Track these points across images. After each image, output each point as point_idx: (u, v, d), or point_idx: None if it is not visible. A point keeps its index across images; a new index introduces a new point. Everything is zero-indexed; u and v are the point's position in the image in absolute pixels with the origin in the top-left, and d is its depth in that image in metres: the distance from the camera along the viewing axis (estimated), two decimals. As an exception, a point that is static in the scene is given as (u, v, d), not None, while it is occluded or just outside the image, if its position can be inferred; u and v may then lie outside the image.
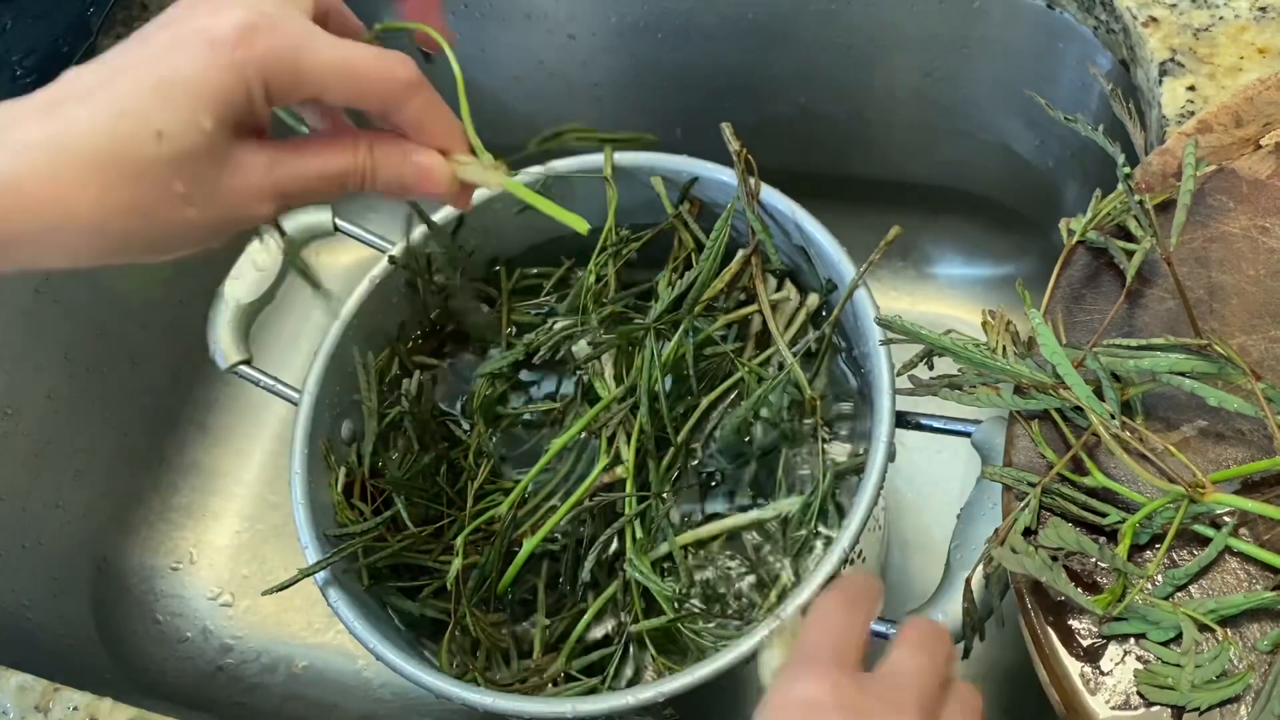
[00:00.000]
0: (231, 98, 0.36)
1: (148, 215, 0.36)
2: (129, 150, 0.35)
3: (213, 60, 0.35)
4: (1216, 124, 0.51)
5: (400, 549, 0.58)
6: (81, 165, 0.34)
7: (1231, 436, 0.44)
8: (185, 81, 0.35)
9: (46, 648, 0.70)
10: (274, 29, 0.36)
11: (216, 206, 0.37)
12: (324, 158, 0.40)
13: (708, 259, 0.60)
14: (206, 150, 0.36)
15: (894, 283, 0.83)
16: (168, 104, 0.35)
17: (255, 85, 0.36)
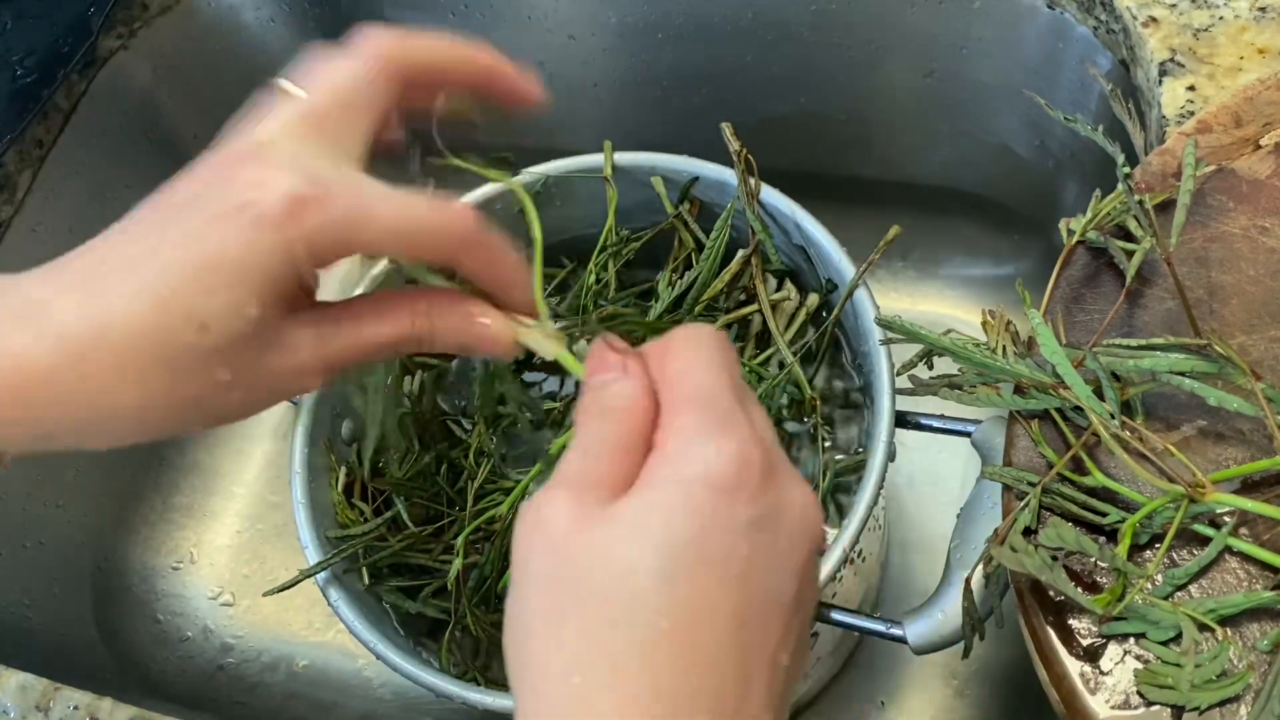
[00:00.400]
0: (279, 278, 0.34)
1: (190, 403, 0.34)
2: (171, 342, 0.33)
3: (259, 240, 0.33)
4: (1216, 124, 0.52)
5: (401, 549, 0.58)
6: (121, 359, 0.33)
7: (1231, 436, 0.44)
8: (230, 266, 0.33)
9: (47, 647, 0.70)
10: (324, 200, 0.34)
11: (263, 388, 0.36)
12: (377, 325, 0.38)
13: (708, 259, 0.61)
14: (253, 336, 0.34)
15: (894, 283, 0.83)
16: (212, 294, 0.33)
17: (304, 260, 0.35)
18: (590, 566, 0.30)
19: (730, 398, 0.33)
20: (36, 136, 0.70)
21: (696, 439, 0.31)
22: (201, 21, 0.79)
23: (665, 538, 0.29)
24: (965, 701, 0.69)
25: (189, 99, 0.80)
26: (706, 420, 0.32)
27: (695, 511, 0.30)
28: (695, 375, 0.34)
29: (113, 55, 0.75)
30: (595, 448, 0.33)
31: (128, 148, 0.77)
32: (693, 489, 0.30)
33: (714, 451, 0.31)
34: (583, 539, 0.30)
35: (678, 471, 0.31)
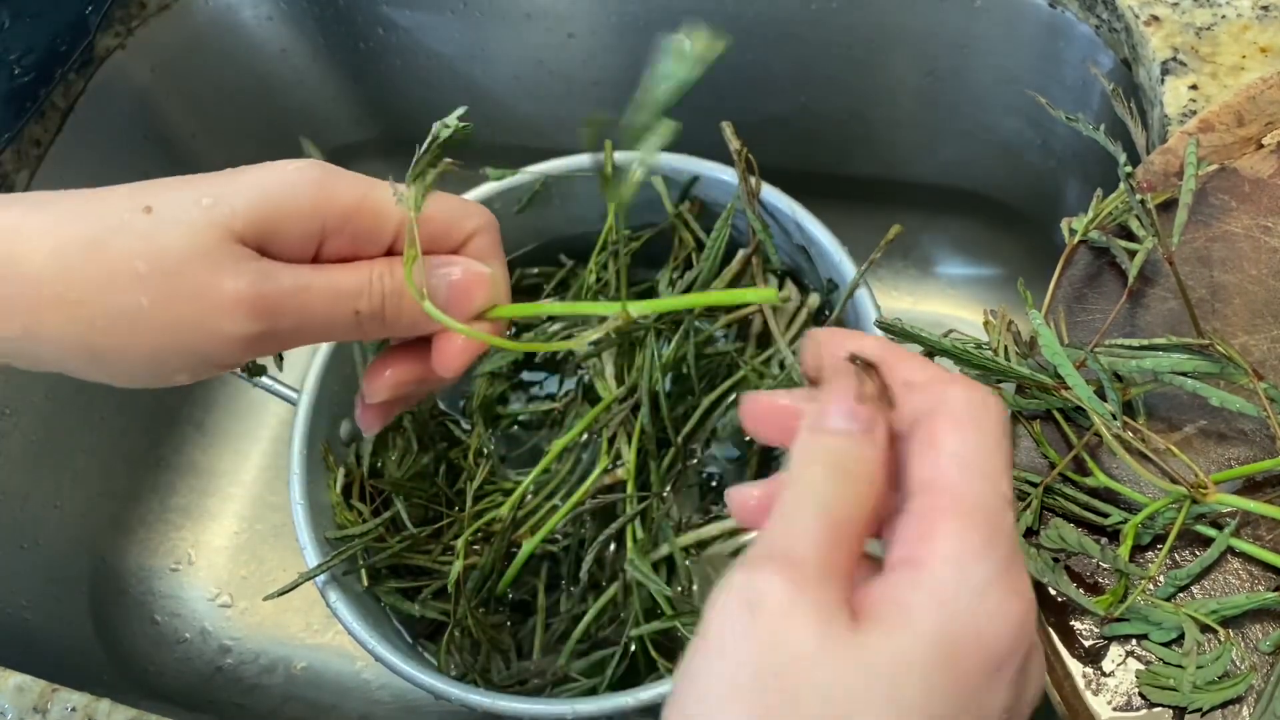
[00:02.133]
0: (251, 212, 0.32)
1: (94, 287, 0.30)
2: (107, 216, 0.30)
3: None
4: (1218, 123, 0.51)
5: (400, 550, 0.58)
6: (50, 219, 0.30)
7: (1234, 437, 0.44)
8: (221, 181, 0.32)
9: (44, 648, 0.69)
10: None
11: (178, 303, 0.31)
12: (330, 274, 0.34)
13: (708, 259, 0.60)
14: (187, 231, 0.31)
15: (895, 282, 0.82)
16: (180, 190, 0.31)
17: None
18: (824, 701, 0.24)
19: (1012, 522, 0.27)
20: (34, 136, 0.70)
21: (976, 579, 0.25)
22: (199, 20, 0.79)
23: (920, 702, 0.24)
24: (966, 702, 0.68)
25: (187, 98, 0.80)
26: (990, 555, 0.26)
27: (959, 684, 0.25)
28: (977, 477, 0.27)
29: (110, 54, 0.75)
30: (835, 524, 0.26)
31: (125, 147, 0.77)
32: (961, 649, 0.25)
33: (996, 608, 0.25)
34: (819, 671, 0.24)
35: (947, 616, 0.25)
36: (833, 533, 0.26)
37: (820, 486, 0.26)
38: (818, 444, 0.27)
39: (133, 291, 0.30)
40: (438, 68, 0.81)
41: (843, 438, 0.27)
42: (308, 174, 0.33)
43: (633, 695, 0.49)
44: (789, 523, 0.26)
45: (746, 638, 0.25)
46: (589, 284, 0.64)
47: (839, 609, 0.25)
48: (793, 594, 0.25)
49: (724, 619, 0.25)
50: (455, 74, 0.81)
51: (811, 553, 0.25)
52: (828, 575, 0.25)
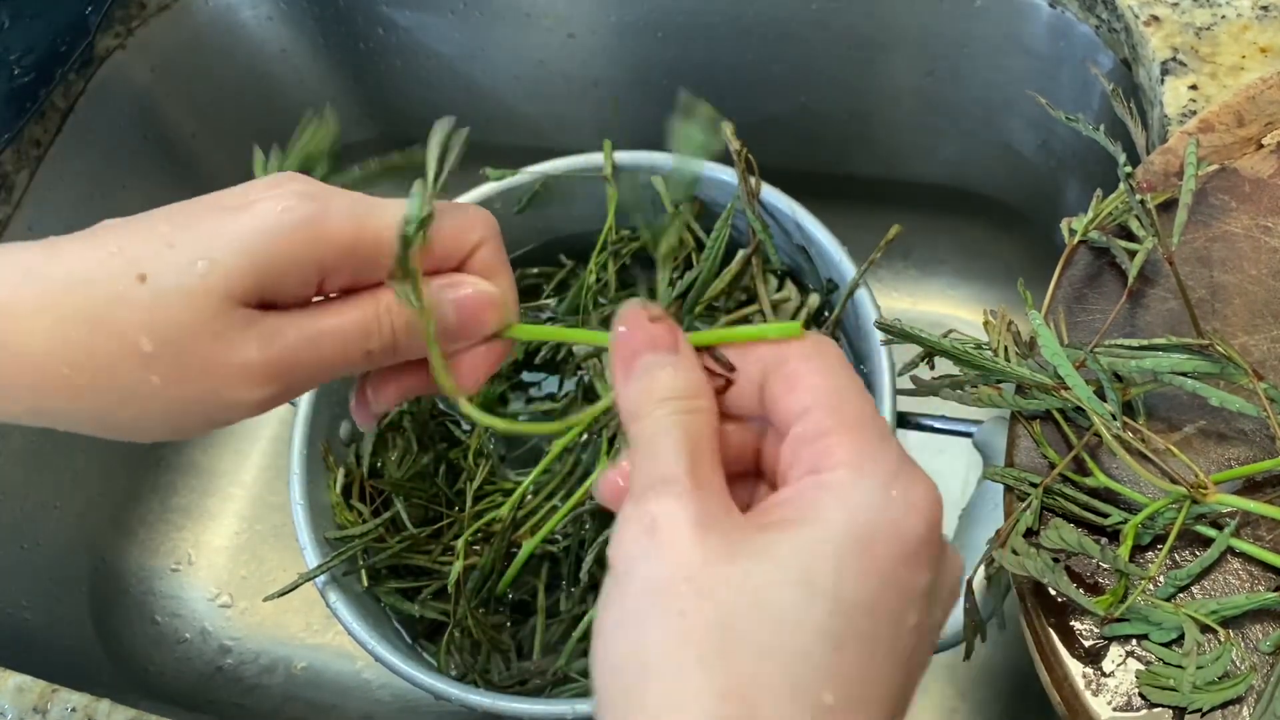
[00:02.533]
0: (256, 260, 0.30)
1: (103, 370, 0.29)
2: (101, 287, 0.29)
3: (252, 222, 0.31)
4: (1218, 123, 0.51)
5: (400, 550, 0.58)
6: (42, 294, 0.29)
7: (1234, 437, 0.44)
8: (208, 235, 0.30)
9: (44, 648, 0.69)
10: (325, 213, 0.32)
11: (189, 381, 0.30)
12: (338, 318, 0.32)
13: (708, 259, 0.60)
14: (188, 303, 0.29)
15: (895, 282, 0.82)
16: (170, 249, 0.30)
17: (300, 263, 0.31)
18: (739, 608, 0.25)
19: (892, 431, 0.28)
20: (34, 136, 0.70)
21: (874, 475, 0.26)
22: (199, 20, 0.79)
23: (838, 593, 0.25)
24: (967, 703, 0.68)
25: (187, 98, 0.80)
26: (882, 454, 0.27)
27: (875, 569, 0.25)
28: (850, 396, 0.28)
29: (110, 54, 0.75)
30: (690, 442, 0.28)
31: (125, 147, 0.77)
32: (874, 540, 0.26)
33: (901, 499, 0.26)
34: (726, 571, 0.25)
35: (852, 512, 0.26)
36: (688, 450, 0.27)
37: (659, 418, 0.28)
38: (637, 382, 0.29)
39: (141, 370, 0.30)
40: (438, 68, 0.81)
41: (654, 370, 0.29)
42: (297, 214, 0.31)
43: None
44: (647, 457, 0.28)
45: (651, 556, 0.26)
46: (589, 284, 0.64)
47: (729, 513, 0.27)
48: (682, 507, 0.26)
49: (626, 548, 0.26)
50: (455, 74, 0.81)
51: (679, 470, 0.27)
52: (703, 487, 0.27)
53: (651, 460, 0.28)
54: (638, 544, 0.26)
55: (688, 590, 0.25)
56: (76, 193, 0.74)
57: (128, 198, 0.78)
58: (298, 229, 0.31)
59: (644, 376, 0.29)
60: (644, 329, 0.30)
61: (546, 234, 0.69)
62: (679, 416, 0.28)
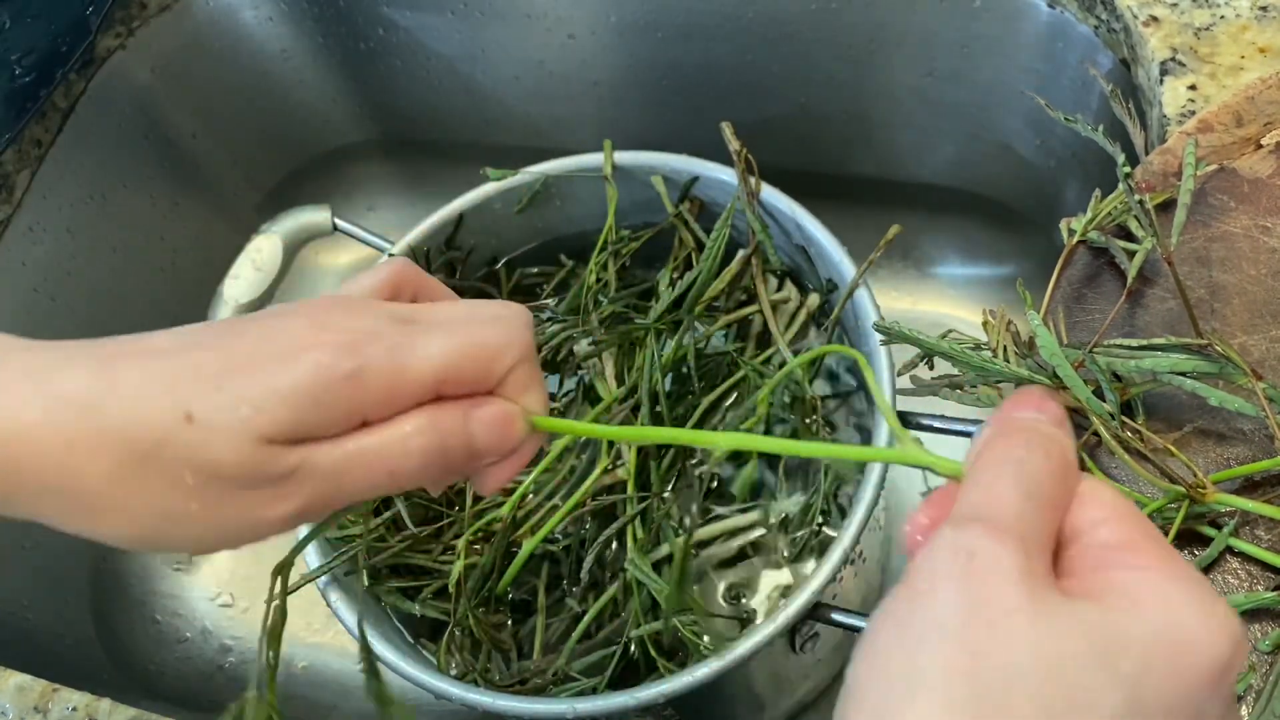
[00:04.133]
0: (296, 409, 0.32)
1: (153, 501, 0.32)
2: (153, 429, 0.31)
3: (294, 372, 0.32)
4: (1217, 123, 0.51)
5: (401, 550, 0.58)
6: (100, 433, 0.31)
7: (1233, 436, 0.44)
8: (254, 383, 0.32)
9: (45, 648, 0.70)
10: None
11: (227, 507, 0.32)
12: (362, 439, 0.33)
13: (708, 259, 0.60)
14: (230, 444, 0.31)
15: (895, 282, 0.82)
16: (216, 392, 0.31)
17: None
18: (1033, 667, 0.24)
19: None
20: (35, 136, 0.70)
21: (1194, 595, 0.25)
22: (200, 21, 0.79)
23: (1138, 690, 0.24)
24: (966, 702, 0.68)
25: (187, 98, 0.80)
26: (1200, 581, 0.26)
27: (1179, 681, 0.24)
28: (1134, 509, 0.28)
29: (111, 55, 0.75)
30: (1039, 495, 0.26)
31: (126, 147, 0.77)
32: (1186, 653, 0.24)
33: (1217, 625, 0.25)
34: (1032, 625, 0.24)
35: (1169, 616, 0.25)
36: (1034, 503, 0.26)
37: (1020, 455, 0.27)
38: (1015, 422, 0.28)
39: (184, 500, 0.32)
40: (438, 68, 0.81)
41: (1038, 422, 0.28)
42: (340, 370, 0.32)
43: (632, 695, 0.49)
44: (989, 490, 0.27)
45: (959, 586, 0.25)
46: (589, 284, 0.64)
47: (1047, 575, 0.25)
48: (1008, 554, 0.25)
49: (934, 567, 0.25)
50: (455, 74, 0.81)
51: (1015, 519, 0.26)
52: (1032, 542, 0.25)
53: (992, 495, 0.26)
54: (948, 569, 0.25)
55: (987, 631, 0.24)
56: (77, 192, 0.74)
57: (128, 197, 0.78)
58: (339, 384, 0.32)
59: (1017, 420, 0.28)
60: (1038, 395, 0.29)
61: (546, 234, 0.69)
62: (1041, 468, 0.27)
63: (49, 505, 0.32)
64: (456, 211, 0.65)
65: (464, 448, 0.34)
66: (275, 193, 0.89)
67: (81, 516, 0.32)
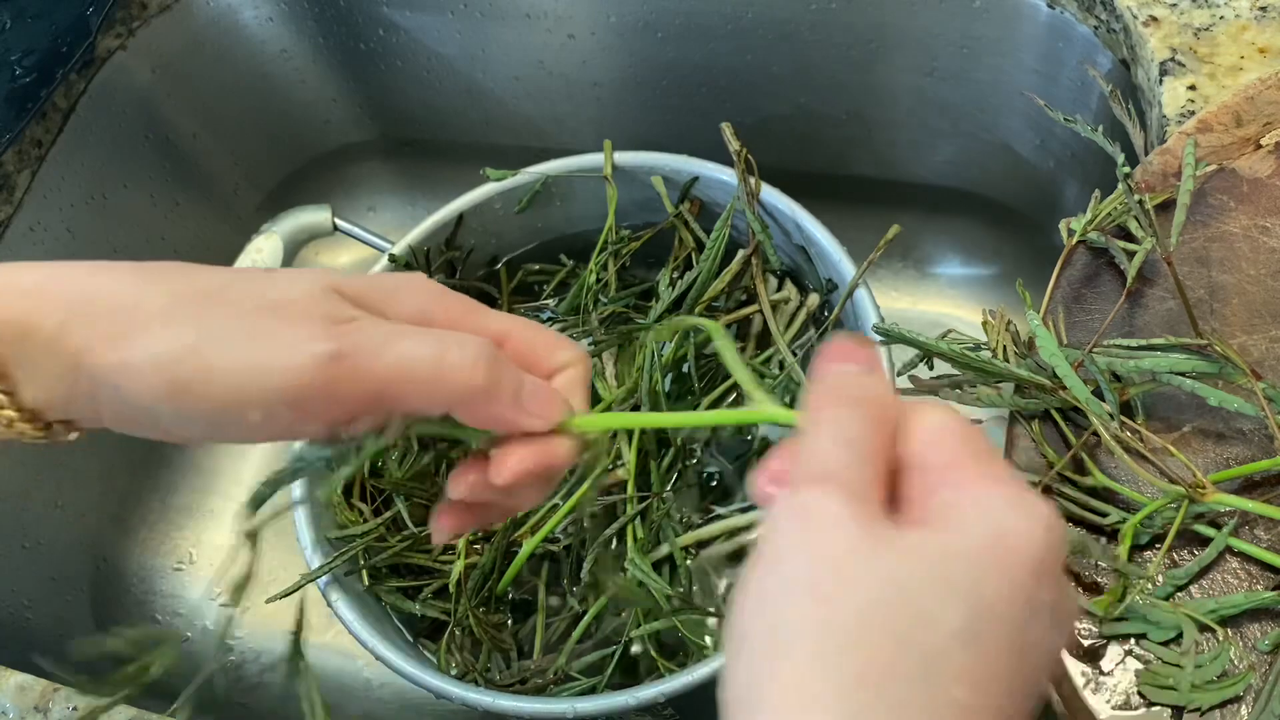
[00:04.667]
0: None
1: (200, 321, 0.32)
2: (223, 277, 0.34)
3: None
4: (1217, 123, 0.51)
5: (401, 549, 0.58)
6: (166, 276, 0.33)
7: (1232, 436, 0.44)
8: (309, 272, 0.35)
9: (46, 647, 0.70)
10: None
11: (271, 340, 0.32)
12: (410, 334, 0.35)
13: (708, 259, 0.60)
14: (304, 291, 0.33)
15: (894, 282, 0.82)
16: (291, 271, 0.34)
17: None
18: (880, 599, 0.25)
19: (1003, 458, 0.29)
20: (35, 136, 0.70)
21: (1009, 497, 0.27)
22: (200, 21, 0.79)
23: (975, 596, 0.26)
24: (965, 702, 0.69)
25: (188, 99, 0.80)
26: (1009, 475, 0.28)
27: (1009, 579, 0.26)
28: (974, 436, 0.30)
29: (111, 55, 0.75)
30: (858, 445, 0.28)
31: (126, 147, 0.77)
32: (1009, 552, 0.26)
33: (1032, 519, 0.27)
34: (871, 563, 0.26)
35: (990, 523, 0.27)
36: (857, 453, 0.28)
37: (838, 413, 0.29)
38: (830, 381, 0.30)
39: (235, 320, 0.32)
40: (438, 68, 0.81)
41: (846, 375, 0.30)
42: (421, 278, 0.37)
43: (632, 695, 0.49)
44: (816, 449, 0.28)
45: (801, 543, 0.27)
46: (589, 284, 0.64)
47: (881, 516, 0.27)
48: (838, 503, 0.27)
49: (777, 531, 0.27)
50: (455, 74, 0.81)
51: (843, 471, 0.28)
52: (862, 490, 0.27)
53: (816, 454, 0.28)
54: (789, 529, 0.27)
55: (833, 578, 0.26)
56: (78, 192, 0.74)
57: (129, 197, 0.78)
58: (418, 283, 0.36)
59: (836, 378, 0.30)
60: (848, 346, 0.31)
61: (546, 234, 0.69)
62: (855, 420, 0.29)
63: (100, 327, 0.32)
64: (456, 211, 0.65)
65: (512, 390, 0.34)
66: (276, 193, 0.89)
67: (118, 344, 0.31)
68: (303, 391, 0.32)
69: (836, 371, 0.31)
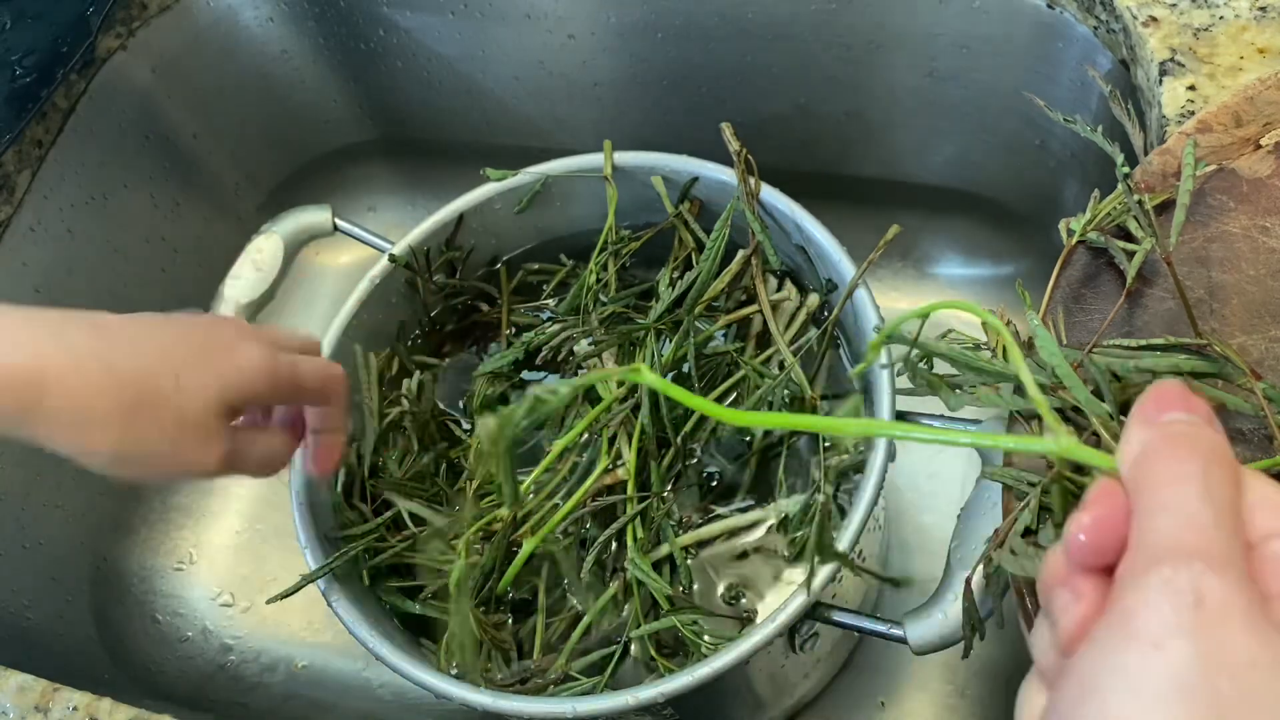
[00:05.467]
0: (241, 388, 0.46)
1: (136, 432, 0.43)
2: (157, 380, 0.43)
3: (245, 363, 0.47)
4: (1216, 124, 0.51)
5: (401, 549, 0.58)
6: (113, 380, 0.42)
7: (1232, 436, 0.44)
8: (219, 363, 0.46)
9: (46, 647, 0.70)
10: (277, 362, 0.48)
11: (177, 449, 0.45)
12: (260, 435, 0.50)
13: (708, 259, 0.61)
14: (202, 404, 0.45)
15: (894, 282, 0.83)
16: (200, 367, 0.45)
17: (271, 388, 0.47)
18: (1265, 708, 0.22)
19: None
20: (35, 136, 0.70)
21: None
22: (200, 21, 0.79)
23: None
24: (965, 702, 0.69)
25: (188, 99, 0.80)
26: None
27: None
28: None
29: (112, 55, 0.75)
30: (1229, 512, 0.25)
31: (126, 147, 0.77)
32: None
33: None
34: (1272, 679, 0.23)
35: None
36: (1230, 521, 0.25)
37: (1196, 470, 0.25)
38: (1173, 432, 0.26)
39: (158, 433, 0.44)
40: (438, 69, 0.81)
41: (1187, 425, 0.26)
42: (270, 365, 0.47)
43: (633, 694, 0.49)
44: (1182, 515, 0.25)
45: (1189, 636, 0.23)
46: (589, 284, 0.64)
47: (1265, 611, 0.24)
48: (1228, 593, 0.23)
49: (1157, 613, 0.24)
50: (456, 75, 0.82)
51: (1223, 546, 0.24)
52: (1243, 571, 0.24)
53: (1178, 518, 0.25)
54: (1177, 618, 0.23)
55: (1230, 689, 0.23)
56: (78, 193, 0.74)
57: (129, 197, 0.78)
58: (270, 376, 0.47)
59: (1175, 426, 0.26)
60: (1181, 391, 0.27)
61: (546, 234, 0.69)
62: (1225, 482, 0.25)
63: (56, 426, 0.42)
64: (456, 211, 0.65)
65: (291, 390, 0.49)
66: (276, 193, 0.90)
67: (77, 435, 0.43)
68: (208, 476, 0.47)
69: (1179, 419, 0.26)
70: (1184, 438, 0.26)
